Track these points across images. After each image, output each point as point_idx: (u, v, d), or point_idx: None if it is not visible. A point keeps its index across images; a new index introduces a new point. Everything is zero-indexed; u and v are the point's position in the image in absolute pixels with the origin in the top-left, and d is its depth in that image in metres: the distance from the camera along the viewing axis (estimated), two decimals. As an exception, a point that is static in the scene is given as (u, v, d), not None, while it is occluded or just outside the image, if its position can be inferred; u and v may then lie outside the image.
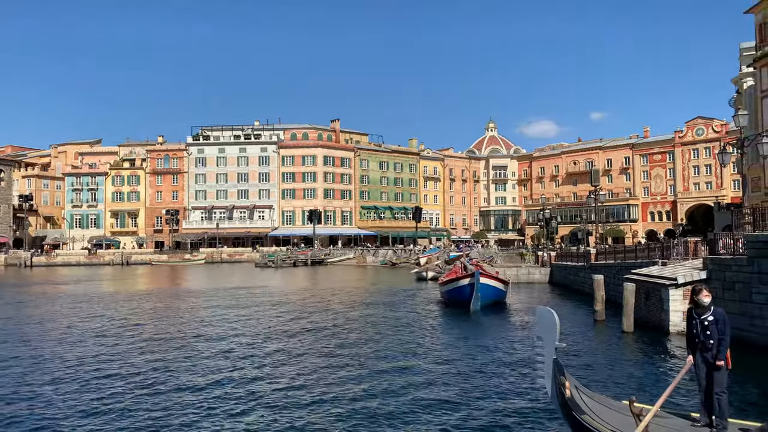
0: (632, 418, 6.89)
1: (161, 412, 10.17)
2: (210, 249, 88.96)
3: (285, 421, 9.67)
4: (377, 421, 9.68)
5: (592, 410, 7.42)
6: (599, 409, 7.58)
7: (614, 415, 7.50)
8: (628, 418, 7.11)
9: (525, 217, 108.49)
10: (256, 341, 17.46)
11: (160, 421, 9.69)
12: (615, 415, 7.47)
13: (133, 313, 24.64)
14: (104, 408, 10.45)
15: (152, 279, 50.77)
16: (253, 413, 10.13)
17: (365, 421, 9.70)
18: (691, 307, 7.77)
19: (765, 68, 41.17)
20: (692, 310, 7.71)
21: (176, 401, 10.85)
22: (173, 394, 11.33)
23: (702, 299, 7.57)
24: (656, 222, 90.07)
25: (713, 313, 7.46)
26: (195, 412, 10.19)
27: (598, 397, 8.24)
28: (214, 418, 9.84)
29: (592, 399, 7.88)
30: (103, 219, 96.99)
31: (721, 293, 17.34)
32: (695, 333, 7.60)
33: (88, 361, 14.56)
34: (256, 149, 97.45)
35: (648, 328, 18.78)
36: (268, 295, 32.79)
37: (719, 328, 7.39)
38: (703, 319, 7.52)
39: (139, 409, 10.34)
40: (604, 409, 7.68)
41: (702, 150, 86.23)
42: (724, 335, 7.38)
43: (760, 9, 41.02)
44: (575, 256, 38.84)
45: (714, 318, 7.43)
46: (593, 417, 7.19)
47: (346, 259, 79.22)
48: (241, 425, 9.54)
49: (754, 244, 16.07)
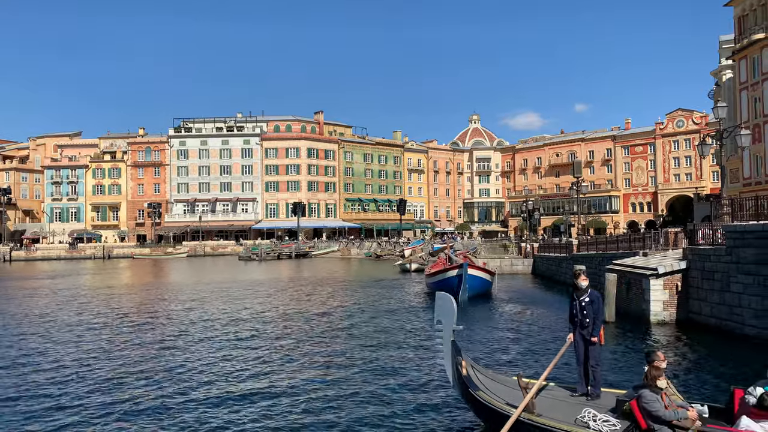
0: (521, 391, 7.60)
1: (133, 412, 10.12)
2: (193, 242, 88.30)
3: (254, 412, 9.71)
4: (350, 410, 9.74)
5: (485, 386, 8.15)
6: (492, 385, 8.32)
7: (505, 389, 8.28)
8: (518, 391, 7.81)
9: (508, 208, 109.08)
10: (234, 334, 17.40)
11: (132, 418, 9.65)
12: (506, 390, 8.26)
13: (111, 310, 24.40)
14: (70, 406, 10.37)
15: (134, 273, 50.29)
16: (224, 406, 10.12)
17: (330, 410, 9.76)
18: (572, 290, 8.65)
19: (743, 61, 41.75)
20: (573, 292, 8.59)
21: (149, 401, 10.80)
22: (143, 394, 11.27)
23: (580, 283, 8.48)
24: (637, 213, 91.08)
25: (589, 295, 8.34)
26: (166, 407, 10.17)
27: (492, 374, 9.01)
28: (187, 414, 9.81)
29: (486, 376, 8.61)
30: (83, 212, 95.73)
31: (701, 283, 17.64)
32: (575, 313, 8.49)
33: (65, 364, 14.40)
34: (238, 141, 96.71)
35: (629, 318, 19.04)
36: (250, 288, 32.66)
37: (594, 308, 8.24)
38: (581, 300, 8.42)
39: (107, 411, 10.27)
40: (496, 384, 8.45)
41: (682, 142, 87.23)
42: (598, 314, 8.25)
43: (740, 2, 41.52)
44: (558, 247, 39.20)
45: (589, 299, 8.29)
46: (486, 392, 7.95)
47: (331, 251, 79.14)
48: (214, 419, 9.51)
49: (733, 235, 16.34)
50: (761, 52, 39.35)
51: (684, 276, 18.24)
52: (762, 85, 39.42)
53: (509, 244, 66.56)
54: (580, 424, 7.11)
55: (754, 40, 39.46)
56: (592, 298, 8.32)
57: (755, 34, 39.30)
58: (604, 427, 6.96)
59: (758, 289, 15.15)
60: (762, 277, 15.05)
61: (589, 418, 7.13)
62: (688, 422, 6.46)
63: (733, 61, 43.26)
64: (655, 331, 16.97)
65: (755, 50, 39.84)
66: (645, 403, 6.61)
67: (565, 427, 7.04)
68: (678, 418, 6.47)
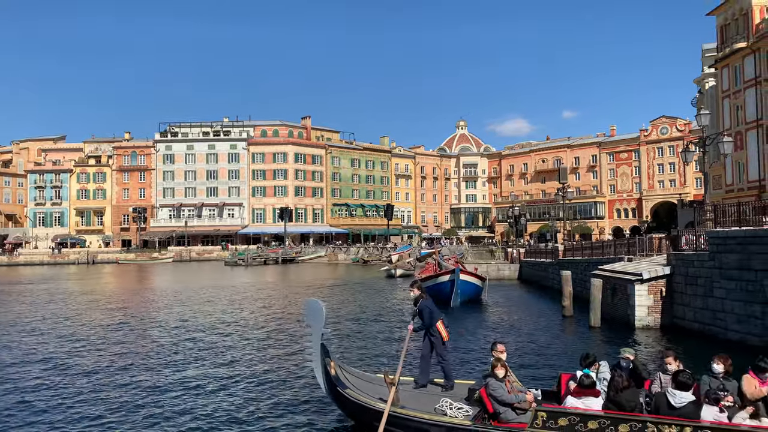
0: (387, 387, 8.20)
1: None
2: (179, 247, 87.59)
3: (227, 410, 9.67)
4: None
5: (354, 385, 8.72)
6: (360, 384, 8.92)
7: (373, 386, 8.93)
8: (382, 387, 8.50)
9: (495, 214, 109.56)
10: (217, 340, 17.29)
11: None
12: (373, 387, 8.91)
13: (93, 319, 24.13)
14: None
15: (118, 279, 49.79)
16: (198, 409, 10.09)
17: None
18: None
19: (725, 69, 42.37)
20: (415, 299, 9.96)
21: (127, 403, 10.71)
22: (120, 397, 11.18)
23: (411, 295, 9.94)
24: (622, 219, 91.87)
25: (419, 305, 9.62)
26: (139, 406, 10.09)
27: (359, 373, 9.72)
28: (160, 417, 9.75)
29: (353, 376, 9.22)
30: (67, 217, 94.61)
31: (685, 288, 17.82)
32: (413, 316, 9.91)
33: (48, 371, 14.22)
34: (225, 146, 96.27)
35: (615, 323, 19.18)
36: (236, 294, 32.46)
37: (425, 315, 9.52)
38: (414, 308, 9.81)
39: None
40: (364, 383, 9.07)
41: (666, 148, 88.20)
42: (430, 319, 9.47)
43: (722, 11, 42.19)
44: (544, 253, 39.39)
45: (419, 309, 9.61)
46: (355, 390, 8.53)
47: (318, 256, 78.89)
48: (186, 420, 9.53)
49: (715, 240, 16.54)
50: (743, 60, 39.97)
51: (668, 281, 18.42)
52: (744, 93, 40.02)
53: (496, 250, 66.76)
54: (439, 412, 7.95)
55: (735, 49, 40.07)
56: (421, 308, 9.58)
57: (737, 43, 39.92)
58: (459, 413, 7.87)
59: (741, 295, 15.33)
60: (744, 282, 15.23)
61: (446, 406, 7.99)
62: (526, 404, 7.52)
63: (715, 69, 43.89)
64: (640, 336, 17.11)
65: (737, 59, 40.46)
66: (491, 390, 7.61)
67: (426, 416, 7.87)
68: (519, 401, 7.54)
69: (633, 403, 7.23)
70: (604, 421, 7.02)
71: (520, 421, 7.45)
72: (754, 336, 14.81)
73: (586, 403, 7.36)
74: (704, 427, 6.69)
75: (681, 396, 6.93)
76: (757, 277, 14.78)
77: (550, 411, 7.34)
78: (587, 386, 7.51)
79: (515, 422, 7.47)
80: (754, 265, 14.90)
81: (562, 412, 7.28)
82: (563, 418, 7.19)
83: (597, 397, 7.43)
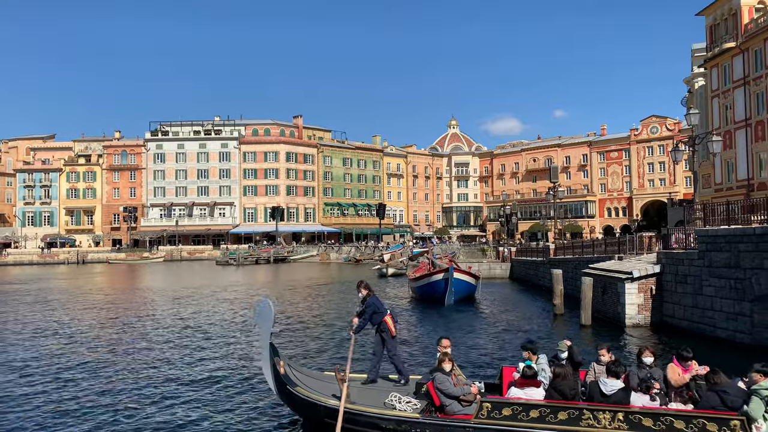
0: (338, 384, 8.40)
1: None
2: (169, 247, 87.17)
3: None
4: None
5: (304, 383, 8.83)
6: (310, 381, 9.07)
7: (323, 384, 9.10)
8: (334, 384, 8.69)
9: (486, 213, 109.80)
10: (204, 340, 17.23)
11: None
12: (324, 384, 9.08)
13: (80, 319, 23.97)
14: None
15: (108, 278, 49.48)
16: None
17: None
18: None
19: (714, 69, 42.67)
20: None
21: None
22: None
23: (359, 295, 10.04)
24: (613, 218, 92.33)
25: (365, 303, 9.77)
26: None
27: (309, 371, 9.93)
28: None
29: (303, 374, 9.36)
30: (57, 216, 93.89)
31: (674, 286, 17.93)
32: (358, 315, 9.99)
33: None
34: (216, 145, 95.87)
35: (605, 321, 19.28)
36: (225, 293, 32.35)
37: (366, 313, 9.68)
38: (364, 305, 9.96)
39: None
40: (314, 380, 9.24)
41: (656, 148, 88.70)
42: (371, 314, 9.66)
43: (711, 12, 42.47)
44: (535, 252, 39.53)
45: (369, 305, 9.74)
46: (305, 388, 8.65)
47: (310, 256, 78.79)
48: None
49: (705, 239, 16.66)
50: (731, 60, 40.27)
51: (658, 280, 18.53)
52: (733, 92, 40.33)
53: (487, 249, 67.04)
54: (388, 406, 8.19)
55: (724, 48, 40.36)
56: (366, 307, 9.75)
57: (726, 43, 40.20)
58: (408, 407, 8.13)
59: (729, 293, 15.45)
60: (733, 280, 15.35)
61: (395, 400, 8.24)
62: (471, 396, 7.91)
63: (704, 69, 44.19)
64: (630, 334, 17.20)
65: (726, 59, 40.76)
66: (438, 384, 7.91)
67: (375, 411, 8.09)
68: (464, 393, 7.91)
69: (574, 390, 7.65)
70: (544, 410, 7.41)
71: (465, 413, 7.75)
72: (742, 334, 14.93)
73: (529, 393, 7.70)
74: (634, 412, 7.17)
75: (612, 384, 7.46)
76: (746, 276, 14.90)
77: (494, 402, 7.66)
78: (530, 377, 7.85)
79: (461, 414, 7.77)
80: (743, 264, 15.02)
81: (505, 403, 7.63)
82: (507, 408, 7.54)
83: (538, 387, 7.80)
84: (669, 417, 7.05)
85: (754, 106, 38.10)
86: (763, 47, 37.11)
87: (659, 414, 7.12)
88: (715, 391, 7.08)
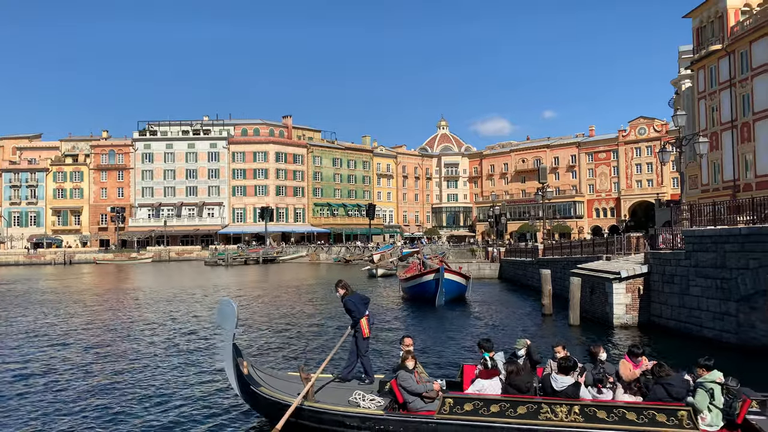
0: (303, 384, 8.50)
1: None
2: (158, 247, 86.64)
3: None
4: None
5: (267, 383, 8.85)
6: (273, 382, 9.08)
7: (287, 384, 9.09)
8: (297, 385, 8.76)
9: (476, 213, 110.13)
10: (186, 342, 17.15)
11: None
12: (288, 384, 9.07)
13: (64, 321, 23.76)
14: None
15: (96, 279, 49.08)
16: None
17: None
18: None
19: (701, 71, 43.08)
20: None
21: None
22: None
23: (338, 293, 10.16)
24: (601, 218, 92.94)
25: (344, 301, 9.96)
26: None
27: (273, 372, 9.98)
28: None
29: (266, 374, 9.38)
30: (43, 217, 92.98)
31: (662, 286, 18.09)
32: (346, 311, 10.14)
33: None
34: (205, 145, 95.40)
35: (594, 321, 19.39)
36: (211, 294, 32.20)
37: (350, 309, 9.85)
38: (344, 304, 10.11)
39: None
40: (278, 381, 9.24)
41: (644, 149, 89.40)
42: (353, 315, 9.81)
43: (697, 14, 42.88)
44: (524, 252, 39.71)
45: (346, 306, 9.93)
46: (268, 388, 8.68)
47: (299, 256, 78.60)
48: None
49: (691, 239, 16.82)
50: (718, 62, 40.69)
51: (646, 280, 18.68)
52: (719, 94, 40.75)
53: (477, 249, 67.24)
54: (352, 404, 8.35)
55: (711, 51, 40.79)
56: (346, 304, 9.94)
57: (712, 46, 40.63)
58: (371, 405, 8.31)
59: (716, 293, 15.61)
60: (719, 280, 15.51)
61: (359, 398, 8.43)
62: (434, 393, 8.06)
63: (691, 70, 44.62)
64: (618, 334, 17.32)
65: (712, 60, 41.18)
66: (401, 381, 8.10)
67: (340, 408, 8.25)
68: (427, 390, 8.07)
69: (529, 384, 8.10)
70: (504, 404, 7.70)
71: (428, 409, 7.95)
72: (728, 333, 15.08)
73: (492, 384, 8.07)
74: (590, 405, 7.56)
75: (562, 380, 7.82)
76: (732, 276, 15.05)
77: (456, 398, 7.91)
78: (492, 368, 8.26)
79: (424, 410, 7.97)
80: (729, 264, 15.17)
81: (467, 398, 7.89)
82: (468, 404, 7.81)
83: (499, 375, 8.23)
84: (621, 409, 7.46)
85: (740, 108, 38.52)
86: (748, 50, 37.53)
87: (612, 406, 7.52)
88: (662, 383, 7.58)
